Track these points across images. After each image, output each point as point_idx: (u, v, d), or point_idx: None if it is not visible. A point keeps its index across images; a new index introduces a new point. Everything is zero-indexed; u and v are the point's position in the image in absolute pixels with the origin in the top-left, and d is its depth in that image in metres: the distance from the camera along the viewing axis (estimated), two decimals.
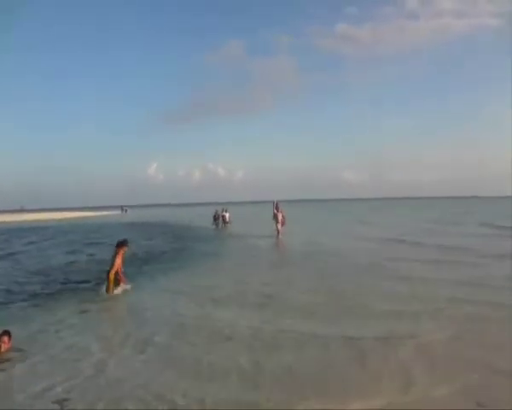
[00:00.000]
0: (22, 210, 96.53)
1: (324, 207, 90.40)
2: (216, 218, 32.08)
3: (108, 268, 9.95)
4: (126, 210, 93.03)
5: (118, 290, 9.88)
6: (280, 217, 21.30)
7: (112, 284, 9.87)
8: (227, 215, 32.66)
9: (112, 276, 9.87)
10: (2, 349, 5.99)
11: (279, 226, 21.32)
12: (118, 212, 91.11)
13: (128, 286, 10.16)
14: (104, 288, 9.90)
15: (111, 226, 40.50)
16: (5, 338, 6.07)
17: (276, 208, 21.61)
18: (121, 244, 10.18)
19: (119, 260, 9.95)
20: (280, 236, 21.12)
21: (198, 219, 45.63)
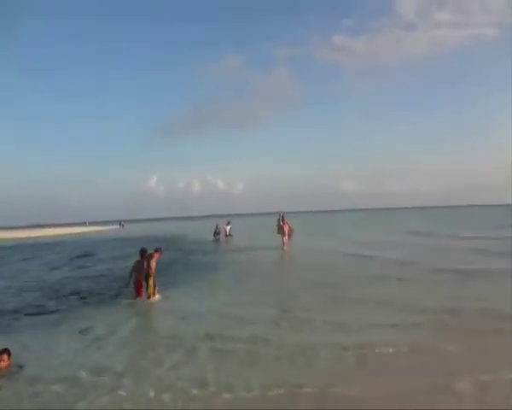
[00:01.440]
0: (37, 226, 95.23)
1: (328, 219, 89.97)
2: (217, 232, 31.55)
3: (143, 275, 10.60)
4: (123, 225, 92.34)
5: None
6: (286, 229, 20.93)
7: (153, 289, 10.60)
8: (228, 228, 32.25)
9: (152, 281, 10.56)
10: (2, 366, 6.10)
11: (285, 239, 20.88)
12: (116, 226, 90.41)
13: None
14: (141, 294, 10.62)
15: (108, 241, 39.87)
16: (4, 356, 6.18)
17: (282, 220, 21.22)
18: (156, 251, 10.93)
19: (154, 265, 10.58)
20: (285, 248, 20.69)
21: (198, 232, 45.08)
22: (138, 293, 10.67)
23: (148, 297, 10.42)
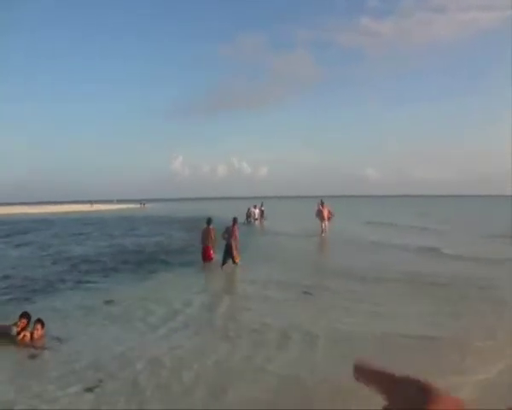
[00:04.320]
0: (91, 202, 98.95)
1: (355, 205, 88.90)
2: (249, 215, 31.06)
3: (209, 242, 12.57)
4: (144, 204, 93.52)
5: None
6: (326, 213, 20.81)
7: (236, 255, 12.29)
8: (258, 211, 31.25)
9: (235, 248, 12.24)
10: (36, 336, 6.30)
11: (325, 223, 20.80)
12: (137, 205, 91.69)
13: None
14: (227, 261, 12.17)
15: (138, 219, 40.63)
16: (38, 326, 6.38)
17: (322, 205, 21.14)
18: (234, 221, 12.85)
19: (237, 233, 12.49)
20: (324, 232, 20.62)
21: (227, 213, 45.09)
22: (206, 258, 12.56)
23: (233, 262, 12.20)
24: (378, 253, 15.49)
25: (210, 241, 12.61)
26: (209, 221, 12.88)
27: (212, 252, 12.67)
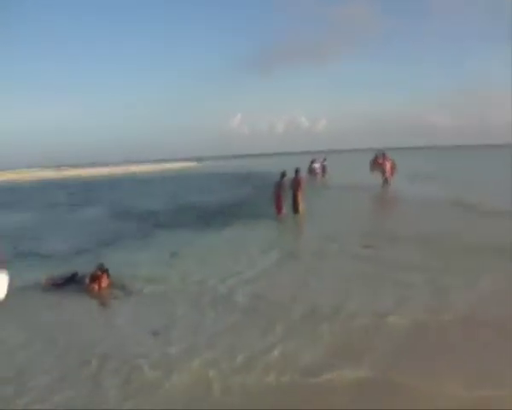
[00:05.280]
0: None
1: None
2: (312, 169, 30.20)
3: (283, 194, 13.30)
4: (202, 161, 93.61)
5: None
6: (388, 166, 19.86)
7: (302, 205, 13.25)
8: (319, 166, 30.41)
9: (301, 198, 13.21)
10: (104, 286, 6.68)
11: (387, 175, 19.88)
12: (194, 163, 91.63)
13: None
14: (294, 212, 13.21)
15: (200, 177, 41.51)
16: (105, 276, 6.72)
17: (383, 157, 20.16)
18: (298, 173, 13.60)
19: (304, 185, 13.51)
20: (386, 187, 19.77)
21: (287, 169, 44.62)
22: (279, 210, 13.22)
23: (297, 211, 13.13)
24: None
25: (283, 194, 13.27)
26: (283, 174, 13.44)
27: (283, 205, 13.29)
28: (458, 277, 6.65)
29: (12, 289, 4.23)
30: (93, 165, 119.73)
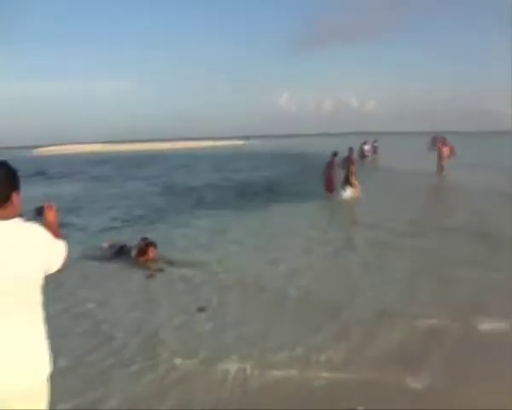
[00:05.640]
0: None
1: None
2: (362, 152, 28.78)
3: (334, 175, 13.28)
4: (249, 139, 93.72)
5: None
6: (446, 151, 18.65)
7: (355, 183, 13.25)
8: (369, 147, 29.38)
9: (354, 177, 13.25)
10: (151, 257, 6.82)
11: (443, 162, 18.73)
12: (241, 142, 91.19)
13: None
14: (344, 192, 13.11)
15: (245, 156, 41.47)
16: (151, 247, 6.88)
17: (440, 141, 18.97)
18: (351, 153, 13.93)
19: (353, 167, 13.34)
20: (442, 173, 18.63)
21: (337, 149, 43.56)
22: (330, 190, 13.20)
23: (351, 186, 13.15)
24: None
25: (334, 174, 13.28)
26: (335, 154, 13.47)
27: (335, 185, 13.31)
28: None
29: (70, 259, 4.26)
30: (149, 140, 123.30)
